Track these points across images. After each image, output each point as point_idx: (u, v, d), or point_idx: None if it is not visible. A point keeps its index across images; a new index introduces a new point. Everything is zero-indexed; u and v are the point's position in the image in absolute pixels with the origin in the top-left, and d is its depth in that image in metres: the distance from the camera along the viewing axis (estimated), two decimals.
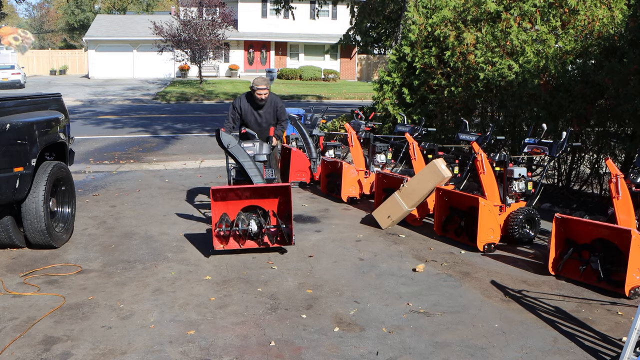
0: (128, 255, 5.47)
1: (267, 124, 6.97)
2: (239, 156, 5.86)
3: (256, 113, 6.93)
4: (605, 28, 7.29)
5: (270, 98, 6.94)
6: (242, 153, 5.89)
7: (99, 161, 10.65)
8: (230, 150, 5.84)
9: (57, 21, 66.81)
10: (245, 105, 6.90)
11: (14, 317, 4.06)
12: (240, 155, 5.86)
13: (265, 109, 6.94)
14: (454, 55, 8.86)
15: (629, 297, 4.50)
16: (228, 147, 5.83)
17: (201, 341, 3.76)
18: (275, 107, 6.99)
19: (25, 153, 5.12)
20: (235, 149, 5.85)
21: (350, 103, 24.10)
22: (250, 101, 6.90)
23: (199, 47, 30.31)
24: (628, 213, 4.90)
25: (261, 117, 6.95)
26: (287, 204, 5.48)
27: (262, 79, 6.85)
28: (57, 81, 35.04)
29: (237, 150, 5.87)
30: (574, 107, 7.17)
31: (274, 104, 6.98)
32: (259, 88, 6.75)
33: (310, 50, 40.54)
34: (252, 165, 5.85)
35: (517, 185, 6.07)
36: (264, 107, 6.92)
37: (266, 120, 6.97)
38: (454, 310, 4.32)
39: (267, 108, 6.94)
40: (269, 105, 6.94)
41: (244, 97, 6.95)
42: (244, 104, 6.91)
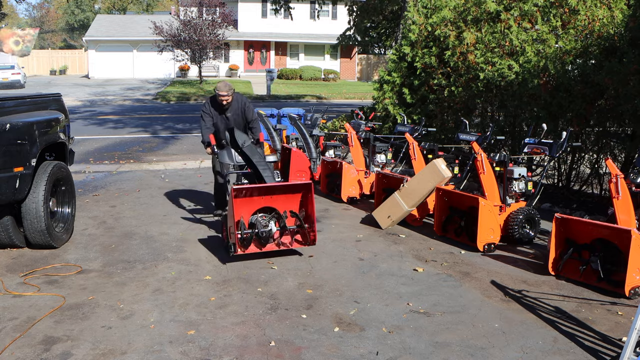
0: (128, 255, 5.47)
1: (238, 126, 6.55)
2: (253, 155, 5.59)
3: (224, 117, 6.63)
4: (605, 28, 7.29)
5: (236, 98, 6.64)
6: (256, 152, 5.65)
7: (99, 161, 10.65)
8: (244, 149, 5.59)
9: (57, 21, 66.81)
10: (212, 110, 6.63)
11: (14, 317, 4.06)
12: (255, 155, 5.60)
13: (232, 112, 6.62)
14: (454, 55, 8.86)
15: (629, 297, 4.50)
16: (243, 146, 5.58)
17: (201, 341, 3.76)
18: (243, 108, 6.67)
19: (25, 153, 5.12)
20: (249, 148, 5.61)
21: (350, 103, 24.09)
22: (215, 105, 6.63)
23: (199, 47, 30.30)
24: (628, 213, 4.90)
25: (229, 120, 6.63)
26: (308, 202, 5.37)
27: (224, 84, 6.52)
28: (57, 81, 35.04)
29: (251, 149, 5.62)
30: (574, 107, 7.17)
31: (241, 104, 6.67)
32: (220, 93, 6.44)
33: (311, 50, 40.54)
34: (267, 166, 5.62)
35: (517, 185, 6.07)
36: (231, 110, 6.61)
37: (235, 122, 6.63)
38: (454, 310, 4.32)
39: (235, 110, 6.63)
40: (236, 107, 6.64)
41: (210, 102, 6.67)
42: (213, 109, 6.63)
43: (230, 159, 6.04)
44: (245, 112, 6.68)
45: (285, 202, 5.41)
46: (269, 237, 5.30)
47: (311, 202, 5.33)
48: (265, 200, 5.36)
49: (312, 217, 5.33)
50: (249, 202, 5.29)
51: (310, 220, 5.38)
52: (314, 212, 5.34)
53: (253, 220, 5.27)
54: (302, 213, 5.39)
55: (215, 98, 6.60)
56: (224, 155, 6.07)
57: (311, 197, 5.33)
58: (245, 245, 5.21)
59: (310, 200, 5.35)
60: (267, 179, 5.52)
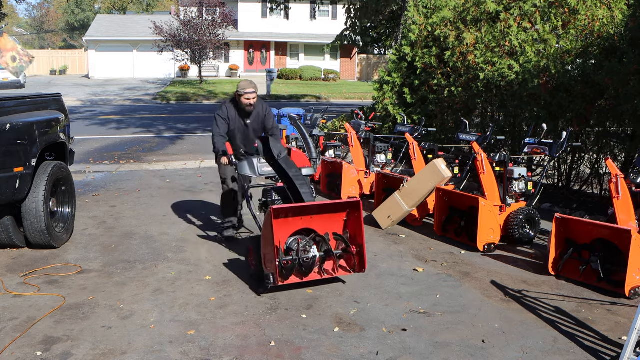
0: (128, 255, 5.47)
1: (255, 135, 5.87)
2: (290, 169, 4.83)
3: (244, 123, 5.82)
4: (605, 28, 7.29)
5: (258, 102, 5.87)
6: (293, 165, 4.88)
7: (99, 161, 10.65)
8: (280, 162, 4.86)
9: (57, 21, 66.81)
10: (232, 114, 5.76)
11: (14, 317, 4.06)
12: (292, 168, 4.85)
13: (253, 118, 5.83)
14: (454, 55, 8.86)
15: (629, 297, 4.50)
16: (279, 157, 4.86)
17: (201, 341, 3.76)
18: (264, 114, 5.88)
19: (26, 153, 5.12)
20: (285, 160, 4.87)
21: (351, 103, 24.10)
22: (235, 109, 5.79)
23: (199, 47, 30.32)
24: (628, 213, 4.90)
25: (248, 128, 5.85)
26: (355, 222, 4.68)
27: (249, 82, 5.77)
28: (57, 81, 35.04)
29: (288, 161, 4.87)
30: (574, 107, 7.17)
31: (264, 110, 5.89)
32: (246, 92, 5.65)
33: (311, 50, 40.55)
34: (304, 180, 4.85)
35: (517, 185, 6.07)
36: (252, 116, 5.82)
37: (254, 130, 5.88)
38: (454, 310, 4.32)
39: (255, 116, 5.84)
40: (257, 113, 5.85)
41: (231, 105, 5.81)
42: (232, 113, 5.76)
43: (252, 170, 5.21)
44: (266, 120, 5.88)
45: (327, 222, 4.71)
46: (312, 266, 4.58)
47: (359, 223, 4.63)
48: (304, 221, 4.66)
49: (361, 239, 4.62)
50: (286, 223, 4.58)
51: (358, 243, 4.65)
52: (363, 233, 4.62)
53: (290, 245, 4.57)
54: (346, 235, 4.70)
55: (235, 100, 5.78)
56: (245, 166, 5.22)
57: (359, 217, 4.62)
58: (286, 275, 4.45)
59: (358, 221, 4.65)
60: (306, 196, 4.75)
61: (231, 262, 5.30)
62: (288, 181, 4.89)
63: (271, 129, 5.91)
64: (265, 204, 5.11)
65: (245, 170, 5.22)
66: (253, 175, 5.27)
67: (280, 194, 5.12)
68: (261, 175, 5.23)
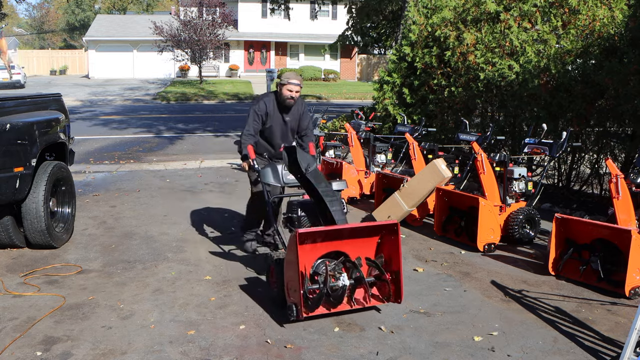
0: (128, 255, 5.47)
1: (292, 134, 5.36)
2: (319, 184, 4.29)
3: (282, 119, 5.23)
4: (605, 28, 7.29)
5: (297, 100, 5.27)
6: (322, 179, 4.34)
7: (99, 161, 10.65)
8: (308, 176, 4.30)
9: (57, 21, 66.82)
10: (271, 109, 5.16)
11: (14, 317, 4.06)
12: (321, 183, 4.31)
13: (292, 115, 5.27)
14: (454, 55, 8.86)
15: (629, 297, 4.50)
16: (306, 171, 4.29)
17: (201, 341, 3.76)
18: (302, 112, 5.33)
19: (26, 153, 5.12)
20: (314, 174, 4.31)
21: (351, 103, 24.10)
22: (277, 103, 5.19)
23: (199, 47, 30.32)
24: (628, 213, 4.90)
25: (287, 125, 5.27)
26: (391, 246, 4.16)
27: (295, 74, 5.23)
28: (57, 81, 35.05)
29: (317, 175, 4.32)
30: (574, 107, 7.17)
31: (301, 108, 5.36)
32: (290, 82, 5.06)
33: (311, 50, 40.55)
34: (335, 197, 4.30)
35: (517, 185, 6.07)
36: (291, 111, 5.25)
37: (292, 128, 5.32)
38: (454, 310, 4.32)
39: (294, 113, 5.29)
40: (296, 110, 5.30)
41: (270, 99, 5.20)
42: (270, 108, 5.15)
43: (276, 178, 4.66)
44: (302, 118, 5.35)
45: (359, 245, 4.22)
46: (342, 295, 4.02)
47: (396, 247, 4.10)
48: (334, 244, 4.16)
49: (397, 265, 4.11)
50: (313, 247, 4.10)
51: (393, 269, 4.15)
52: (400, 259, 4.10)
53: (317, 268, 4.06)
54: (380, 260, 4.18)
55: (276, 93, 5.21)
56: (268, 174, 4.66)
57: (396, 241, 4.11)
58: (311, 307, 3.93)
59: (394, 244, 4.13)
60: (337, 214, 4.21)
61: (231, 262, 5.30)
62: (316, 197, 4.36)
63: (305, 130, 5.38)
64: (290, 220, 4.55)
65: (269, 178, 4.67)
66: (277, 184, 4.74)
67: (307, 207, 4.54)
68: (286, 184, 4.71)
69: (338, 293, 3.99)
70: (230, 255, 5.51)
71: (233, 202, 7.61)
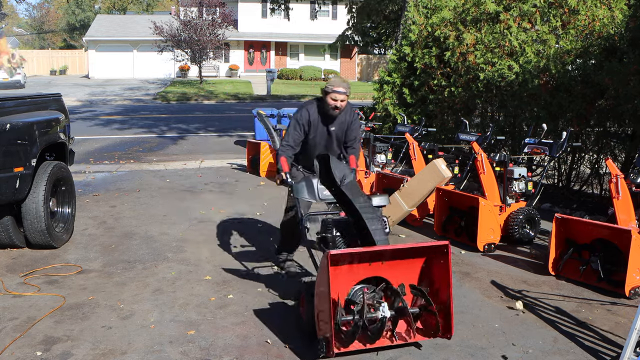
0: (128, 255, 5.47)
1: (338, 146, 4.88)
2: (356, 198, 3.78)
3: (327, 130, 4.75)
4: (605, 28, 7.29)
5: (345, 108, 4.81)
6: (360, 194, 3.84)
7: (99, 161, 10.65)
8: (343, 188, 3.81)
9: (57, 21, 66.82)
10: (315, 119, 4.71)
11: (14, 317, 4.06)
12: (358, 197, 3.80)
13: (338, 125, 4.78)
14: (454, 55, 8.86)
15: (629, 297, 4.50)
16: (342, 184, 3.81)
17: (201, 341, 3.76)
18: (350, 122, 4.82)
19: (26, 153, 5.12)
20: (350, 187, 3.81)
21: (350, 103, 24.05)
22: (321, 112, 4.72)
23: (199, 47, 30.33)
24: (628, 213, 4.90)
25: (332, 136, 4.79)
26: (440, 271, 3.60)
27: (341, 80, 4.76)
28: (57, 81, 35.05)
29: (353, 188, 3.83)
30: (574, 107, 7.17)
31: (350, 117, 4.84)
32: (335, 90, 4.60)
33: (311, 50, 40.55)
34: (374, 213, 3.78)
35: (517, 185, 6.07)
36: (337, 121, 4.77)
37: (337, 140, 4.84)
38: (454, 310, 4.31)
39: (341, 123, 4.80)
40: (343, 119, 4.80)
41: (314, 107, 4.74)
42: (314, 117, 4.71)
43: (311, 194, 4.21)
44: (350, 128, 4.84)
45: (401, 269, 3.68)
46: (381, 329, 3.45)
47: (446, 272, 3.55)
48: (372, 268, 3.63)
49: (446, 294, 3.55)
50: (349, 271, 3.60)
51: (441, 299, 3.59)
52: (451, 287, 3.55)
53: (353, 296, 3.58)
54: (426, 287, 3.64)
55: (321, 101, 4.73)
56: (302, 188, 4.21)
57: (446, 264, 3.55)
58: (345, 342, 3.47)
59: (444, 269, 3.58)
60: (377, 234, 3.68)
61: (231, 262, 5.30)
62: (353, 213, 3.84)
63: (351, 141, 4.86)
64: (325, 240, 4.06)
65: (303, 193, 4.21)
66: (312, 200, 4.30)
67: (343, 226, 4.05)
68: (322, 200, 4.24)
69: (377, 326, 3.44)
70: (230, 255, 5.51)
71: (233, 202, 7.61)
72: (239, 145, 13.13)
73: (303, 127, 4.70)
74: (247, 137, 13.05)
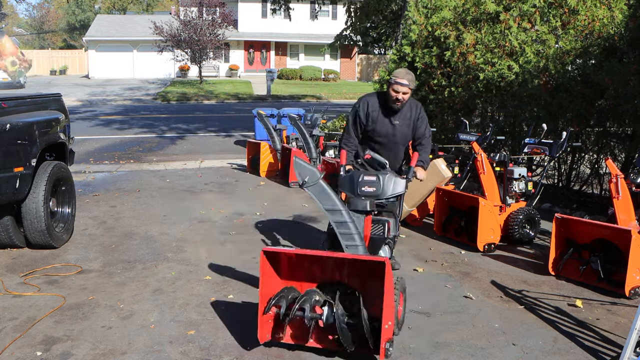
0: (128, 255, 5.47)
1: (403, 142, 4.72)
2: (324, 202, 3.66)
3: (389, 123, 4.61)
4: (605, 28, 7.29)
5: (410, 102, 4.65)
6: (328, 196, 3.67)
7: (99, 161, 10.65)
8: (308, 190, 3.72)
9: (57, 21, 66.82)
10: (375, 111, 4.58)
11: (14, 317, 4.06)
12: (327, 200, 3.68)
13: (401, 118, 4.62)
14: (454, 55, 8.86)
15: (629, 297, 4.50)
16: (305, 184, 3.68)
17: (201, 341, 3.76)
18: (416, 117, 4.66)
19: (26, 153, 5.12)
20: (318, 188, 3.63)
21: (351, 103, 24.06)
22: (382, 104, 4.59)
23: (199, 47, 30.33)
24: (628, 213, 4.90)
25: (395, 129, 4.64)
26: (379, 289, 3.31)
27: (406, 72, 4.52)
28: (57, 81, 35.04)
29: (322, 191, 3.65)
30: (574, 107, 7.18)
31: (415, 112, 4.66)
32: (397, 81, 4.42)
33: (311, 50, 40.55)
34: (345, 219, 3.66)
35: (517, 185, 6.07)
36: (400, 115, 4.61)
37: (402, 135, 4.67)
38: (454, 310, 4.32)
39: (405, 118, 4.63)
40: (408, 114, 4.64)
41: (374, 99, 4.63)
42: (374, 108, 4.58)
43: (351, 188, 4.08)
44: (417, 124, 4.66)
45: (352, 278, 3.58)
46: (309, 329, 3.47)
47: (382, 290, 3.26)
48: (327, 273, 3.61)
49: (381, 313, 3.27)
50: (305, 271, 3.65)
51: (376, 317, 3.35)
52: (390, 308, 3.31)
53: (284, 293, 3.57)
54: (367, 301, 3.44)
55: (383, 94, 4.62)
56: (345, 181, 4.11)
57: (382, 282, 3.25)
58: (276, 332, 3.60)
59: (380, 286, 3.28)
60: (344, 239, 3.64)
61: (231, 262, 5.30)
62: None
63: (419, 138, 4.66)
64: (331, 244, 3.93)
65: (344, 186, 4.07)
66: (350, 195, 4.08)
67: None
68: (359, 195, 4.03)
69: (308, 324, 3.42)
70: (230, 255, 5.51)
71: (233, 202, 7.62)
72: (239, 145, 13.13)
73: (360, 119, 4.59)
74: (247, 137, 13.06)
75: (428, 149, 4.73)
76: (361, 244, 3.67)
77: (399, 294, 3.66)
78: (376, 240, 4.02)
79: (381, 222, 4.07)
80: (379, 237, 4.03)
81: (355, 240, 3.67)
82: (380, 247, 3.97)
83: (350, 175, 4.13)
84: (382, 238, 4.02)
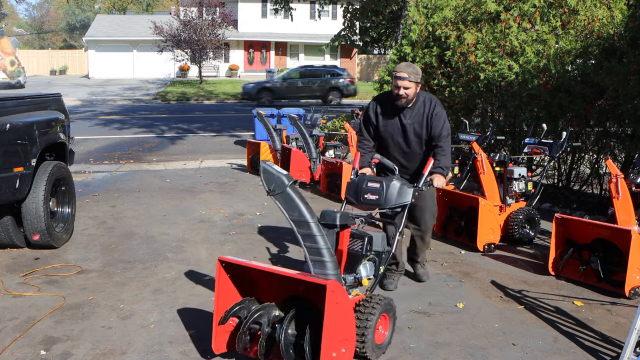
0: (128, 255, 5.47)
1: (419, 143, 4.32)
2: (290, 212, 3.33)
3: (399, 122, 4.28)
4: (605, 28, 7.29)
5: (424, 98, 4.29)
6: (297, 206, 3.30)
7: (99, 161, 10.65)
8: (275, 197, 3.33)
9: (57, 21, 66.83)
10: (381, 109, 4.32)
11: (14, 317, 4.06)
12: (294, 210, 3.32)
13: (413, 116, 4.25)
14: (454, 55, 8.86)
15: (629, 297, 4.50)
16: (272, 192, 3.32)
17: (201, 341, 3.76)
18: (430, 115, 4.24)
19: (25, 153, 5.12)
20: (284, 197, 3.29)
21: (351, 103, 24.09)
22: (386, 103, 4.31)
23: (199, 47, 30.31)
24: (628, 213, 4.90)
25: (407, 129, 4.28)
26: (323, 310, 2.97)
27: (406, 64, 4.17)
28: (57, 81, 35.04)
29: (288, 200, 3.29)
30: (574, 107, 7.18)
31: (429, 109, 4.26)
32: (397, 76, 4.10)
33: (311, 50, 40.53)
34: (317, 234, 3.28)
35: (517, 185, 6.07)
36: (412, 112, 4.25)
37: (416, 135, 4.29)
38: (454, 310, 4.32)
39: (417, 115, 4.25)
40: (421, 111, 4.26)
41: (385, 98, 4.35)
42: (385, 108, 4.30)
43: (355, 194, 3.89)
44: (432, 123, 4.23)
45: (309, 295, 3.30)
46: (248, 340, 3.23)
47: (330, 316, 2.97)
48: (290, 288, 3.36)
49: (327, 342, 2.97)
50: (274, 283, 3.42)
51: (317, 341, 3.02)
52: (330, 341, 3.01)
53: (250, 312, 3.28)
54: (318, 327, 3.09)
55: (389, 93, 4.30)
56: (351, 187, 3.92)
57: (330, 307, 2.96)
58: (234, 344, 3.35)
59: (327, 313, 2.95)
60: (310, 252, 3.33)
61: None
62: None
63: (436, 139, 4.20)
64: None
65: (350, 191, 3.88)
66: (354, 201, 3.90)
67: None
68: (362, 203, 3.86)
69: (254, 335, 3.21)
70: (230, 255, 5.50)
71: (233, 202, 7.62)
72: (239, 145, 13.13)
73: (370, 119, 4.33)
74: (247, 137, 13.06)
75: (447, 151, 4.19)
76: (330, 259, 3.27)
77: (379, 316, 3.40)
78: (354, 256, 3.65)
79: (361, 237, 3.67)
80: (356, 253, 3.65)
81: (323, 255, 3.27)
82: (360, 263, 3.63)
83: (356, 180, 3.92)
84: (359, 255, 3.63)
